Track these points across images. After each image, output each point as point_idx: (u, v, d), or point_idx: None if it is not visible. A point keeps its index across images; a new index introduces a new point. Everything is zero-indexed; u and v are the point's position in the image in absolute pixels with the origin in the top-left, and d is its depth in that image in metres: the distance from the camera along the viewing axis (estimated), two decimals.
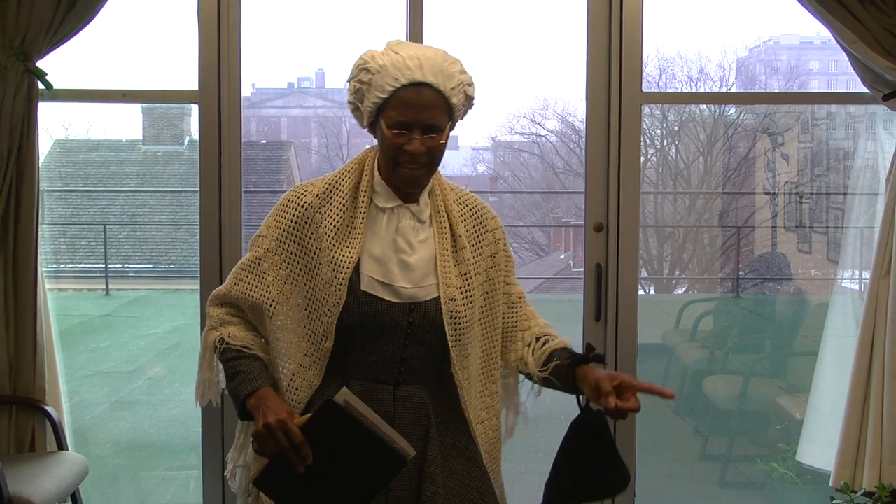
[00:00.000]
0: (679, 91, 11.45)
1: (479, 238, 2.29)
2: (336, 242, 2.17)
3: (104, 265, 10.31)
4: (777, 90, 12.33)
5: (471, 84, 2.19)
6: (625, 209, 3.83)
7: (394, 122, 2.11)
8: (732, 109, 10.76)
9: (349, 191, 2.22)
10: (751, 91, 12.12)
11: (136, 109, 11.24)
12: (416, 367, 2.20)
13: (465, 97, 2.19)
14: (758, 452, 5.02)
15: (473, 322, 2.23)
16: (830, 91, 11.89)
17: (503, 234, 2.35)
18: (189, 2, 3.79)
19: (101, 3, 3.60)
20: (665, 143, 11.72)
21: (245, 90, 3.87)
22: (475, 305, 2.23)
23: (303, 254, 2.21)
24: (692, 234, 11.17)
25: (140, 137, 11.30)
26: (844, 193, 4.49)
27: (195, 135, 3.94)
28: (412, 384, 2.20)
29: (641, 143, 3.94)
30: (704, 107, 11.25)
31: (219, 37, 3.77)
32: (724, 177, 11.16)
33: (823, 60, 13.12)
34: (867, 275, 3.85)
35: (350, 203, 2.21)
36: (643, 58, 3.86)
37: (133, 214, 11.28)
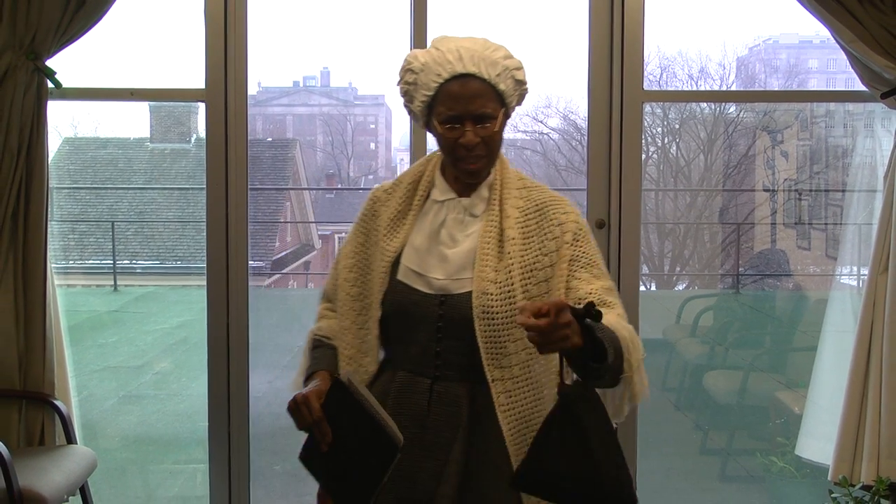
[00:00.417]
0: (680, 89, 11.47)
1: (539, 233, 2.16)
2: (388, 233, 2.23)
3: (112, 261, 10.33)
4: (776, 88, 12.35)
5: (519, 68, 2.16)
6: (626, 206, 3.86)
7: (444, 118, 2.12)
8: (732, 107, 10.78)
9: (409, 185, 2.27)
10: (751, 89, 12.13)
11: (144, 108, 11.26)
12: (454, 363, 2.15)
13: (515, 82, 2.16)
14: (757, 446, 5.03)
15: (514, 319, 2.02)
16: (829, 89, 11.93)
17: (576, 229, 2.16)
18: (196, 1, 3.82)
19: (110, 3, 3.63)
20: (666, 141, 11.73)
21: (251, 89, 3.89)
22: (515, 301, 2.08)
23: (366, 245, 2.28)
24: (693, 231, 11.18)
25: (147, 135, 11.32)
26: (843, 190, 4.51)
27: (202, 133, 3.97)
28: (451, 381, 2.15)
29: (643, 141, 3.97)
30: (705, 105, 11.26)
31: (225, 36, 3.81)
32: (725, 174, 11.16)
33: (822, 59, 13.12)
34: (865, 271, 3.86)
35: (408, 196, 2.26)
36: (644, 56, 3.88)
37: (141, 211, 11.30)
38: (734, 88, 11.96)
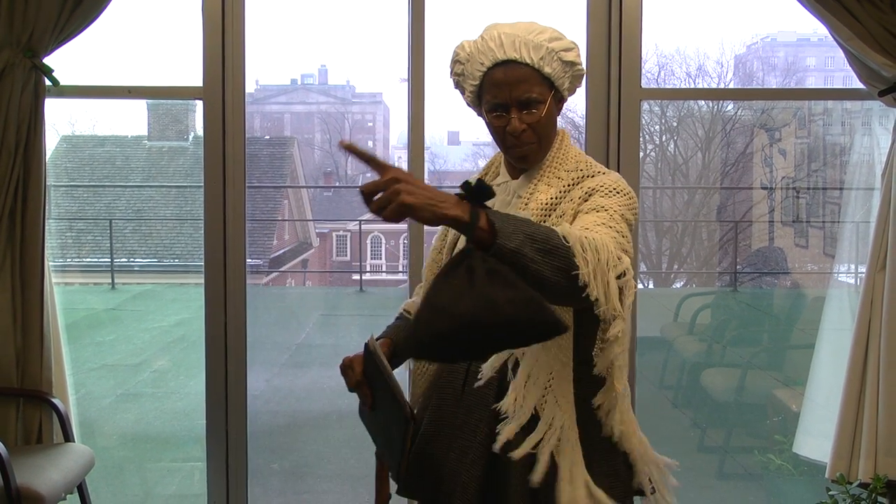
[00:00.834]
0: (678, 87, 11.48)
1: (558, 205, 2.08)
2: None
3: (110, 259, 10.35)
4: (774, 86, 12.37)
5: (568, 49, 2.12)
6: None
7: (490, 106, 2.11)
8: (730, 105, 10.80)
9: (484, 171, 2.31)
10: (748, 87, 12.15)
11: (142, 106, 11.29)
12: None
13: (563, 63, 2.11)
14: (755, 444, 5.05)
15: None
16: (827, 87, 11.92)
17: (595, 185, 2.05)
18: None
19: (107, 1, 3.62)
20: (664, 139, 11.75)
21: (249, 87, 3.89)
22: None
23: (446, 229, 2.30)
24: (690, 229, 11.20)
25: (145, 133, 11.35)
26: (841, 188, 4.51)
27: (200, 130, 3.97)
28: (484, 361, 2.08)
29: (640, 139, 3.96)
30: (703, 103, 11.29)
31: (223, 34, 3.80)
32: (722, 172, 11.19)
33: (820, 57, 13.15)
34: (863, 269, 3.85)
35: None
36: (642, 54, 3.87)
37: (138, 209, 11.32)
38: (732, 86, 11.98)
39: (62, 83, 3.71)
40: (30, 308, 3.68)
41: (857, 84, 3.77)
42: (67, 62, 3.75)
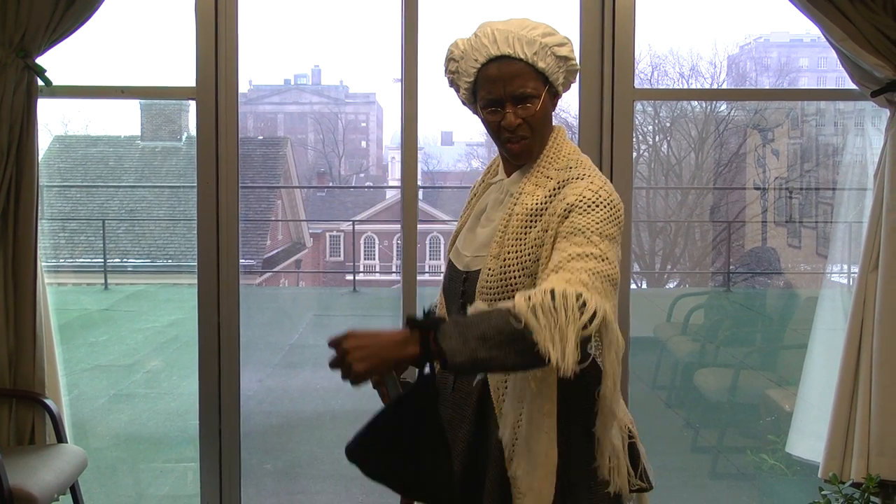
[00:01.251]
0: (671, 88, 11.50)
1: (542, 211, 2.08)
2: (462, 215, 2.34)
3: (103, 260, 10.34)
4: (767, 87, 12.40)
5: (562, 44, 2.13)
6: None
7: (485, 102, 2.13)
8: (723, 106, 10.83)
9: (487, 169, 2.36)
10: (741, 88, 12.18)
11: (135, 106, 11.27)
12: None
13: (556, 58, 2.12)
14: (748, 444, 5.05)
15: (510, 297, 1.98)
16: (820, 87, 11.97)
17: (575, 201, 2.02)
18: None
19: (100, 1, 3.61)
20: (657, 139, 11.76)
21: (242, 87, 3.89)
22: (512, 279, 2.06)
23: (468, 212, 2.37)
24: (684, 229, 11.22)
25: (138, 133, 11.34)
26: (833, 189, 4.52)
27: (193, 131, 3.96)
28: None
29: (634, 139, 3.96)
30: (696, 103, 11.31)
31: (216, 34, 3.79)
32: (715, 172, 11.21)
33: (813, 57, 13.18)
34: (856, 269, 3.86)
35: (480, 181, 2.35)
36: (635, 55, 3.87)
37: (131, 210, 11.31)
38: (725, 87, 12.00)
39: (55, 83, 3.70)
40: (22, 309, 3.67)
41: (850, 85, 3.78)
42: (60, 62, 3.74)
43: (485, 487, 2.11)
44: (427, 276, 14.61)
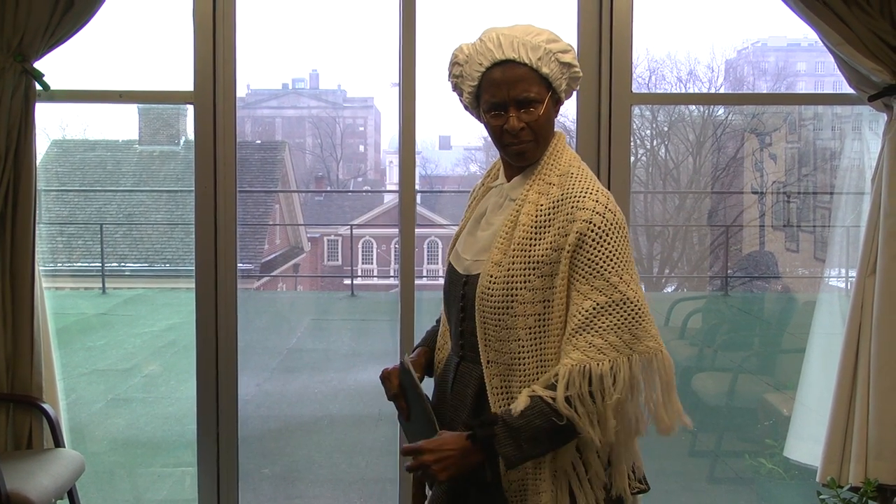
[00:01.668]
0: (669, 92, 11.50)
1: (552, 225, 2.08)
2: (462, 219, 2.36)
3: (101, 264, 10.33)
4: (765, 91, 12.39)
5: (565, 51, 2.15)
6: None
7: (489, 105, 2.15)
8: (721, 110, 10.82)
9: (487, 173, 2.38)
10: (739, 92, 12.17)
11: (133, 110, 11.26)
12: (472, 344, 2.18)
13: (560, 65, 2.14)
14: (746, 448, 5.05)
15: (510, 305, 2.08)
16: (817, 92, 11.96)
17: (585, 229, 2.04)
18: (185, 3, 3.82)
19: (98, 5, 3.62)
20: (655, 144, 11.76)
21: (240, 91, 3.89)
22: (515, 289, 2.08)
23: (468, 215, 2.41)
24: (681, 234, 11.21)
25: (136, 138, 11.32)
26: (831, 193, 4.52)
27: (191, 135, 3.97)
28: (471, 361, 2.20)
29: (631, 144, 3.97)
30: (693, 107, 11.30)
31: (214, 38, 3.80)
32: (713, 176, 11.20)
33: (810, 62, 13.19)
34: (853, 273, 3.86)
35: (480, 185, 2.38)
36: (633, 59, 3.88)
37: (129, 214, 11.30)
38: (723, 91, 12.01)
39: (53, 87, 3.71)
40: (20, 313, 3.67)
41: (847, 89, 3.79)
42: (58, 67, 3.75)
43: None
44: (425, 281, 14.58)
